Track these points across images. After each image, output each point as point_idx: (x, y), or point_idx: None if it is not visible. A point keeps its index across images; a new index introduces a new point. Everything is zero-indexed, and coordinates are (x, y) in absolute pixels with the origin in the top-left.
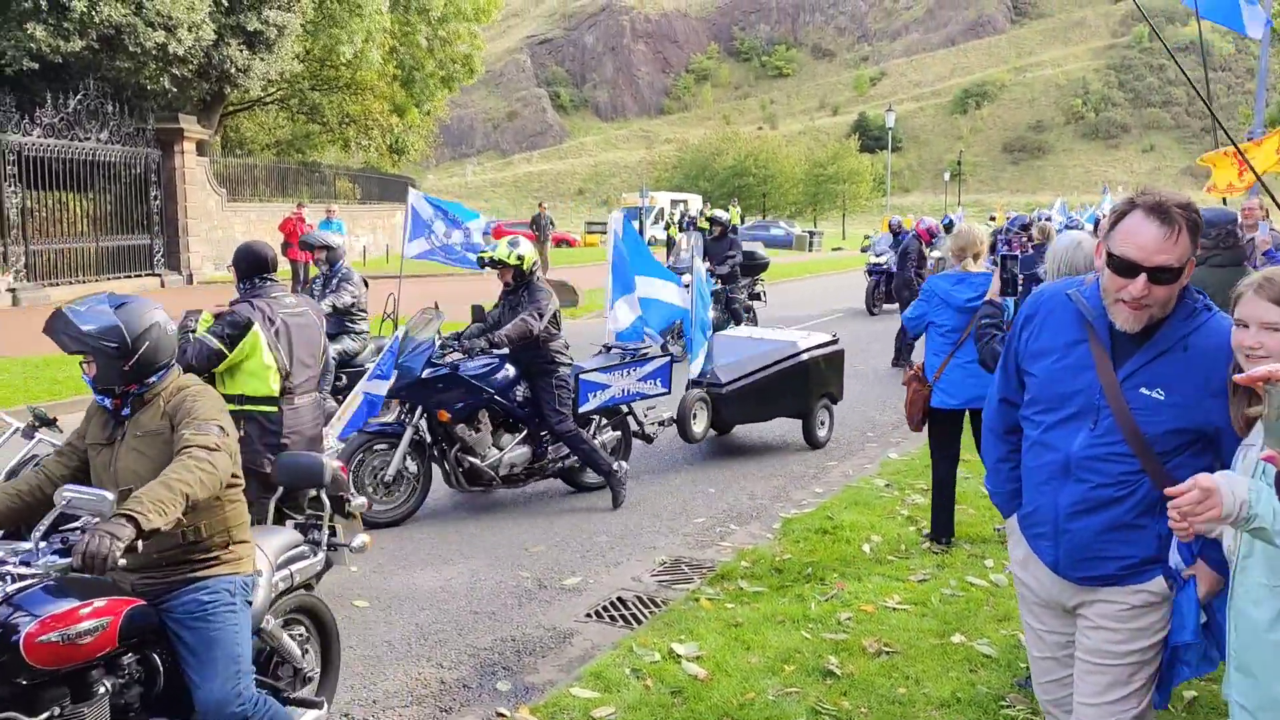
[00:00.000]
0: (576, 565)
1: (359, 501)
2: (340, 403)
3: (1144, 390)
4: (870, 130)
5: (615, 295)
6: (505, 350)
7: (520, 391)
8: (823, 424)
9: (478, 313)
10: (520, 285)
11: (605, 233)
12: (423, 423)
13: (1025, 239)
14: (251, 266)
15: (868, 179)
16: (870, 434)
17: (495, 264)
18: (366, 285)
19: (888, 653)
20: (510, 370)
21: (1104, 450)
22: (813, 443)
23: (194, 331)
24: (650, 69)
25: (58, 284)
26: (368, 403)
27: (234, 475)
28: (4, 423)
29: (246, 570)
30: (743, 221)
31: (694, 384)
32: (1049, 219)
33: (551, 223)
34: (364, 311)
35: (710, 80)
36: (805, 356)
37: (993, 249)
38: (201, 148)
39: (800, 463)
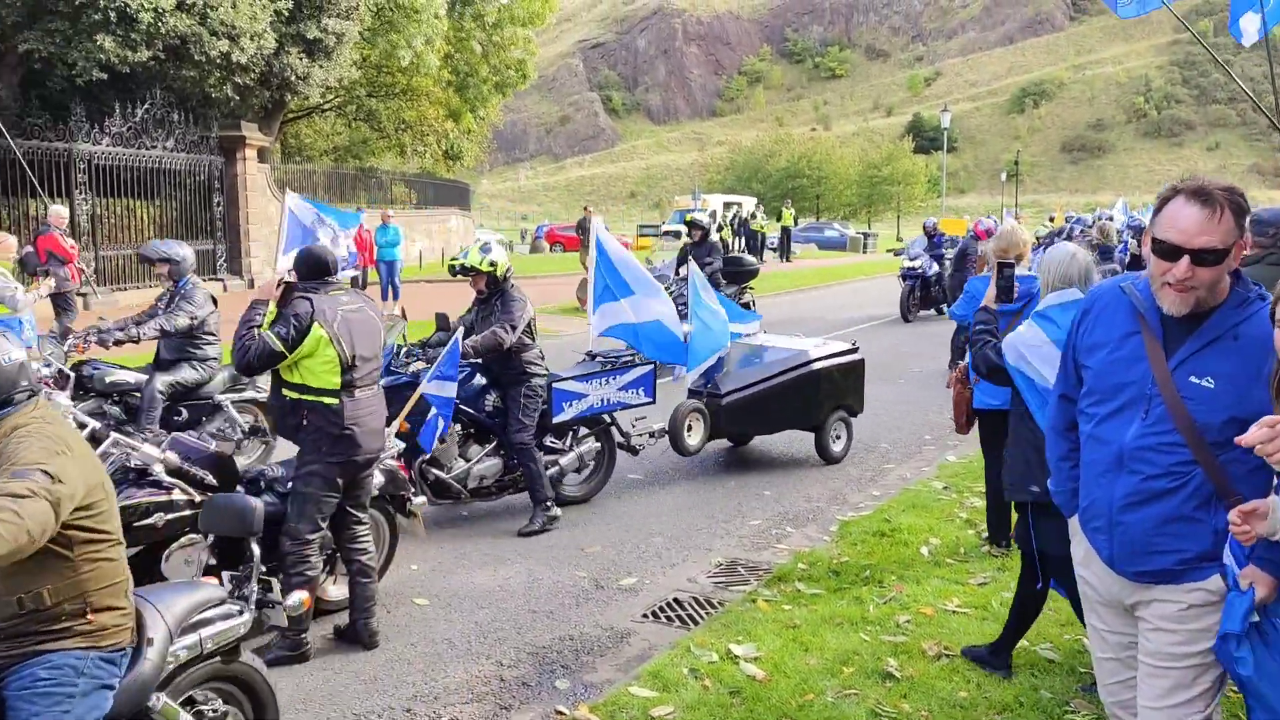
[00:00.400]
0: (633, 566)
1: (419, 500)
2: (170, 434)
3: (1193, 379)
4: (925, 131)
5: (598, 301)
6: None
7: (490, 401)
8: (838, 438)
9: (442, 320)
10: (494, 293)
11: (657, 235)
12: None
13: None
14: (313, 270)
15: (922, 180)
16: (928, 437)
17: (467, 271)
18: (215, 303)
19: (948, 656)
20: (479, 379)
21: (1155, 440)
22: (826, 458)
23: (259, 326)
24: (702, 71)
25: (125, 288)
26: (441, 403)
27: (93, 529)
28: (80, 420)
29: (112, 642)
30: (796, 223)
31: (693, 393)
32: (1110, 219)
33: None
34: (212, 335)
35: (763, 82)
36: (817, 366)
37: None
38: (262, 154)
39: (856, 466)
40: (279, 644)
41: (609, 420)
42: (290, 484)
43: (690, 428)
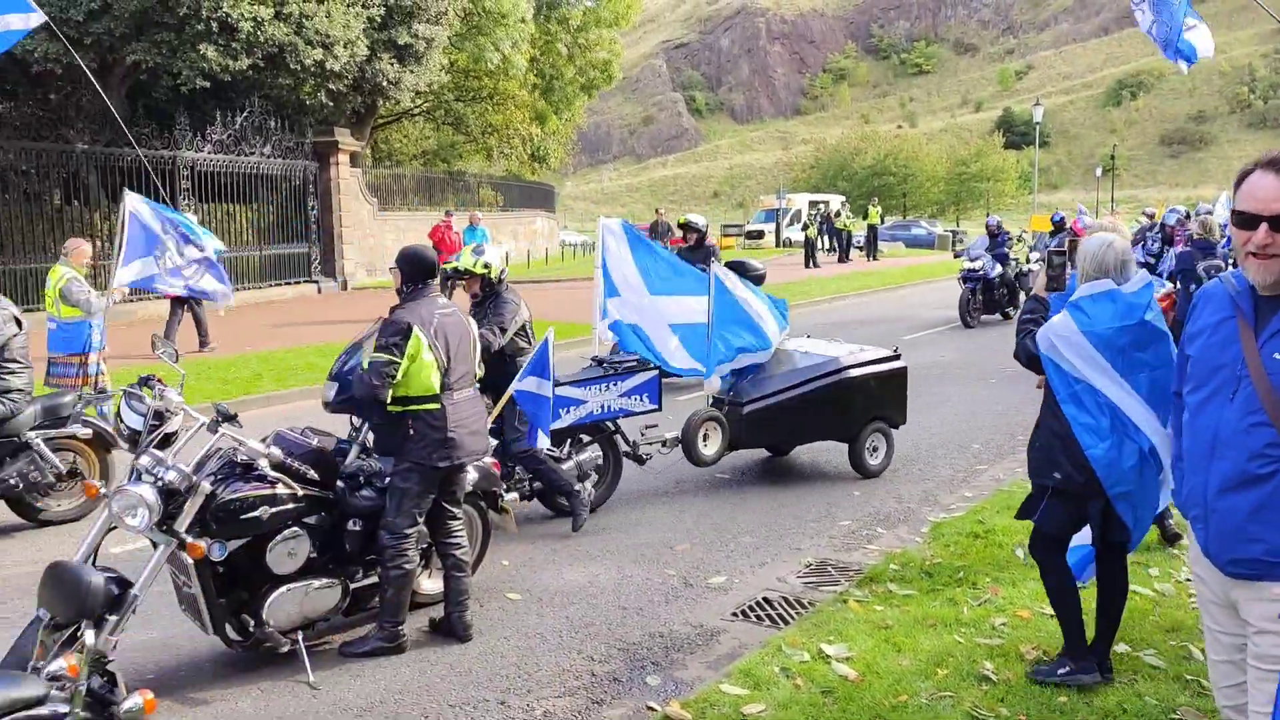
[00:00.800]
0: (721, 565)
1: (511, 496)
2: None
3: (1278, 355)
4: (1016, 126)
5: (604, 307)
6: None
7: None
8: (875, 450)
9: None
10: (488, 296)
11: (740, 235)
12: (370, 437)
13: (1186, 234)
14: (417, 270)
15: (1013, 176)
16: (1020, 437)
17: (461, 274)
18: (20, 325)
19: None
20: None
21: (1246, 421)
22: (862, 471)
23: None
24: (786, 70)
25: None
26: (535, 400)
27: None
28: (191, 418)
29: None
30: (882, 221)
31: (715, 402)
32: (1210, 213)
33: (669, 229)
34: (15, 362)
35: (848, 79)
36: (854, 374)
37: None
38: (354, 159)
39: (948, 466)
40: (376, 635)
41: (613, 428)
42: (389, 479)
43: (706, 436)
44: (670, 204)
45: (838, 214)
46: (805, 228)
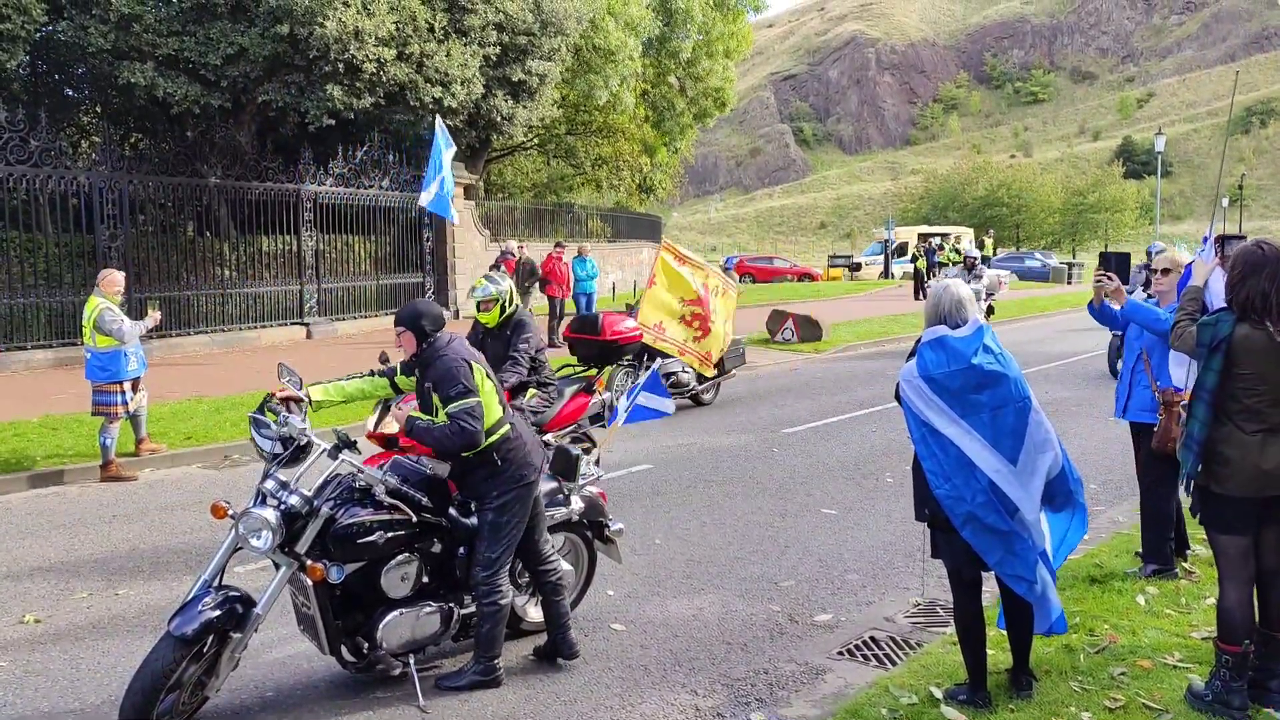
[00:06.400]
0: (827, 602)
1: (617, 527)
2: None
3: None
4: (1136, 155)
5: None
6: None
7: None
8: None
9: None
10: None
11: (847, 268)
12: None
13: None
14: (436, 323)
15: (1133, 207)
16: None
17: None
18: None
19: (1169, 714)
20: None
21: None
22: None
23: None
24: (896, 100)
25: (343, 318)
26: (649, 414)
27: None
28: (314, 444)
29: None
30: (995, 253)
31: None
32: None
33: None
34: None
35: (959, 109)
36: None
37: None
38: (468, 192)
39: None
40: (473, 669)
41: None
42: (481, 516)
43: None
44: (777, 234)
45: (940, 246)
46: (914, 259)
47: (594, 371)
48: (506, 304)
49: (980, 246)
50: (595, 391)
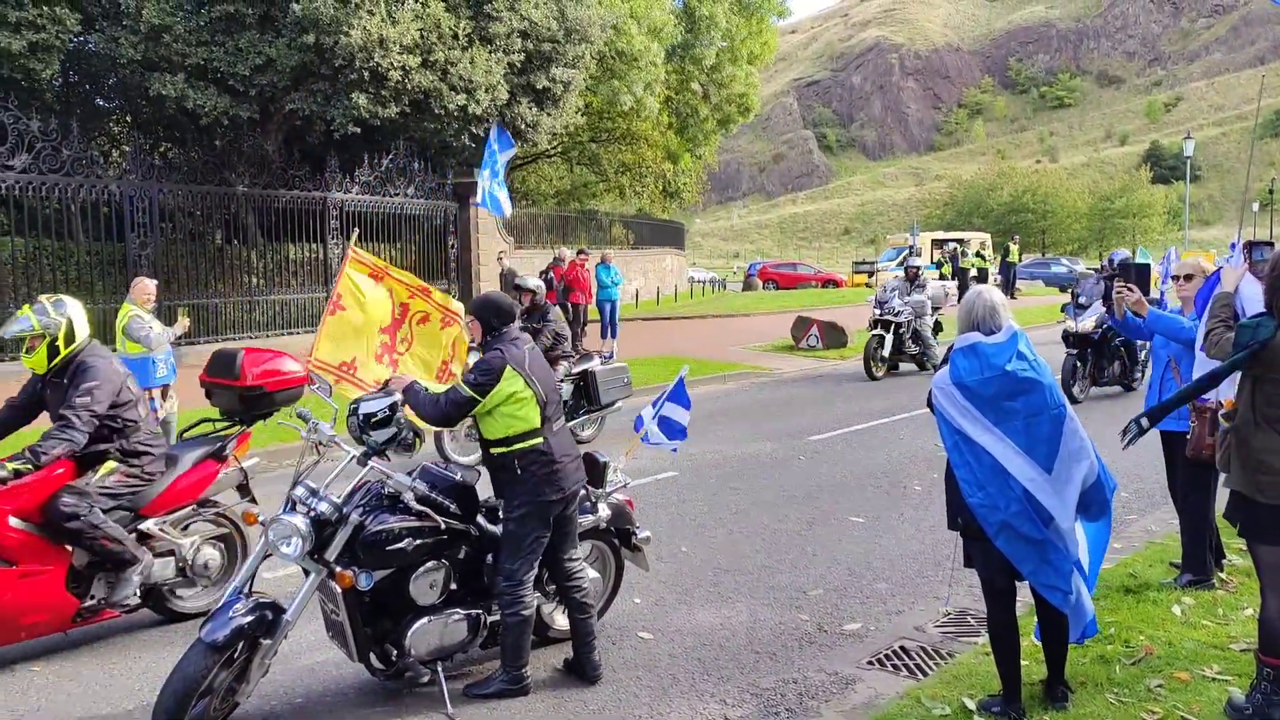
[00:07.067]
0: (856, 611)
1: (645, 534)
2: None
3: None
4: (1164, 160)
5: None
6: None
7: None
8: None
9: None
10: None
11: (872, 273)
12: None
13: None
14: (499, 316)
15: (1160, 212)
16: None
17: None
18: None
19: None
20: None
21: None
22: None
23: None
24: (920, 105)
25: None
26: (674, 429)
27: None
28: (343, 450)
29: None
30: (1020, 259)
31: None
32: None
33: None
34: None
35: (984, 114)
36: None
37: None
38: None
39: None
40: (500, 678)
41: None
42: (503, 525)
43: None
44: (800, 241)
45: (963, 252)
46: (938, 265)
47: (237, 429)
48: (61, 342)
49: (1005, 253)
50: (231, 458)
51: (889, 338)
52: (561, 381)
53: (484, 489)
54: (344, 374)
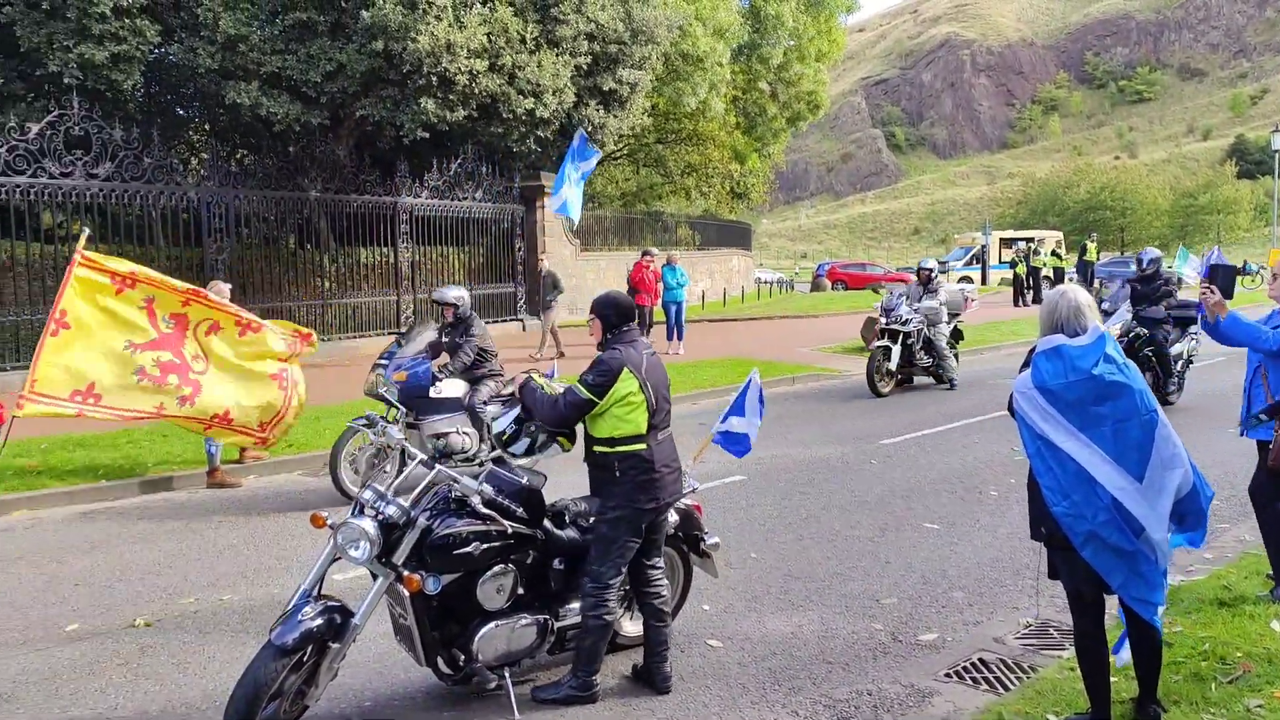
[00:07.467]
0: (932, 621)
1: (713, 540)
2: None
3: None
4: (1250, 154)
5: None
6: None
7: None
8: None
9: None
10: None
11: (946, 271)
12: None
13: None
14: (619, 316)
15: (1247, 208)
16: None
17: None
18: None
19: None
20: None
21: None
22: None
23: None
24: (992, 102)
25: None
26: (743, 438)
27: None
28: (411, 453)
29: None
30: (1098, 257)
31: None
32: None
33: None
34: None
35: (1059, 110)
36: None
37: None
38: None
39: None
40: (570, 682)
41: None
42: (595, 527)
43: None
44: (869, 240)
45: (1035, 251)
46: (1014, 265)
47: None
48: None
49: (1083, 251)
50: None
51: (896, 349)
52: (486, 404)
53: (550, 493)
54: (81, 403)
